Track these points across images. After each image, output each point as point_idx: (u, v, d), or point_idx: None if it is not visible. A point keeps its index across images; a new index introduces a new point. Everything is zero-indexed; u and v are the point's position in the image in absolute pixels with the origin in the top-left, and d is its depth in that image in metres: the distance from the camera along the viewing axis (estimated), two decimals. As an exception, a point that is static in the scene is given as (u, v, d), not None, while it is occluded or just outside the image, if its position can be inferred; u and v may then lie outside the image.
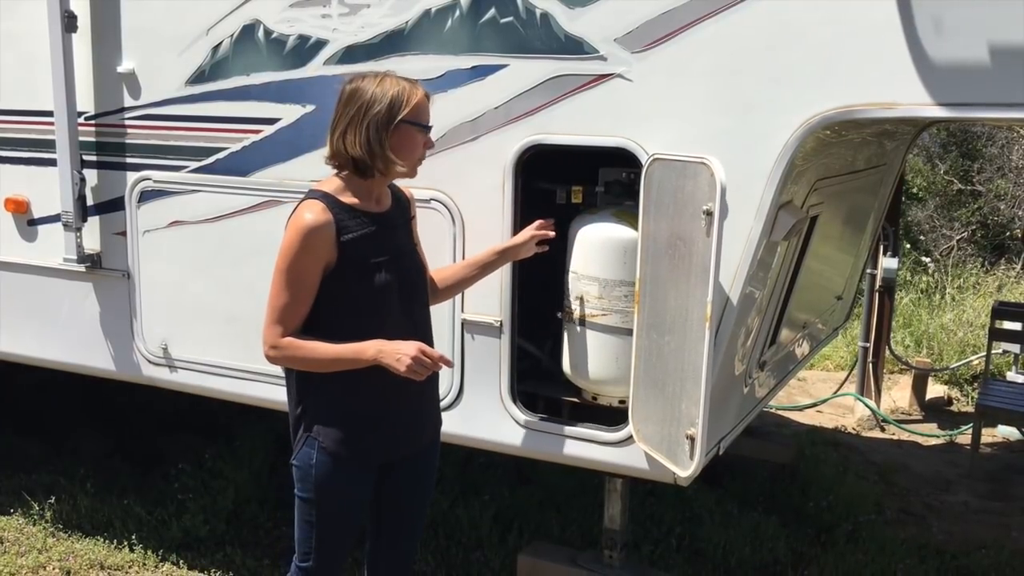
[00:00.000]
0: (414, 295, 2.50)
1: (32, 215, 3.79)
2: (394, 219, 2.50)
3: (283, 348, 2.34)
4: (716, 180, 2.42)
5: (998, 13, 2.31)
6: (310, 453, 2.44)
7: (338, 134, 2.37)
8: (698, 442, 2.56)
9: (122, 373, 3.75)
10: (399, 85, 2.37)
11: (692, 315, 2.55)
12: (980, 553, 4.15)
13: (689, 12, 2.62)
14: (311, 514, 2.49)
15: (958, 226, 11.34)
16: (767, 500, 4.47)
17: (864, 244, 4.75)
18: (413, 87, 2.39)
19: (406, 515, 2.69)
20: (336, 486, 2.46)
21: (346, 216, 2.36)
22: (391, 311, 2.41)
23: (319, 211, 2.33)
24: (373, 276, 2.37)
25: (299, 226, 2.31)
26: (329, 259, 2.33)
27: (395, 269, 2.41)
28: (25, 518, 4.19)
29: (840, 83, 2.49)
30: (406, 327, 2.43)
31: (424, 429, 2.62)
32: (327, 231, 2.31)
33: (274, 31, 3.18)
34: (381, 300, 2.39)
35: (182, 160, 3.44)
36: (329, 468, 2.43)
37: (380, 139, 2.33)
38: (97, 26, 3.50)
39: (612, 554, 3.36)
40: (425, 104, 2.42)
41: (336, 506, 2.49)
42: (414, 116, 2.38)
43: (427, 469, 2.70)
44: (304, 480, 2.47)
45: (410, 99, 2.36)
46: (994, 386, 5.63)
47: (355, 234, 2.36)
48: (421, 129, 2.42)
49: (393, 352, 2.27)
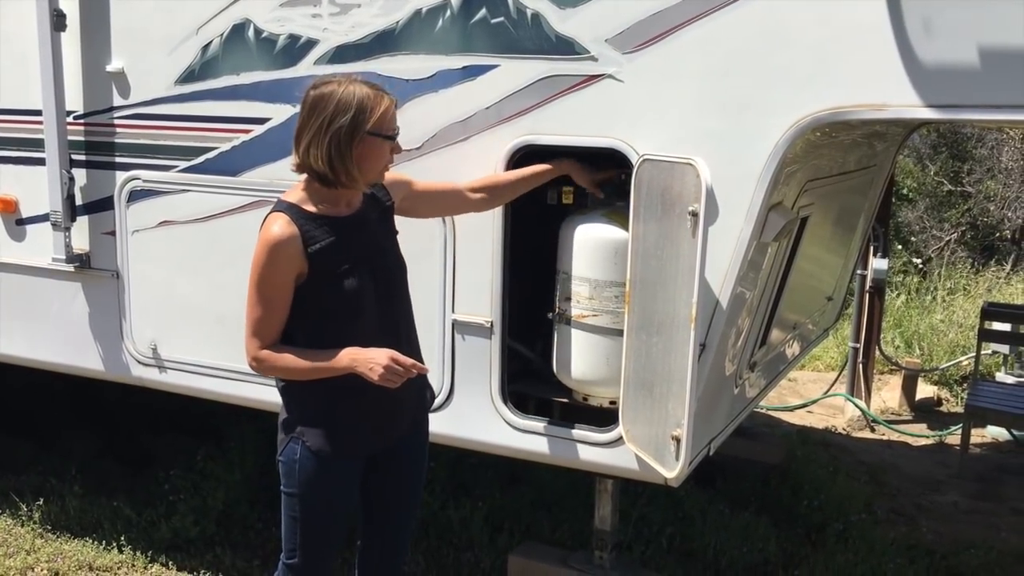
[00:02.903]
0: (392, 292, 2.48)
1: (20, 214, 3.77)
2: (365, 217, 2.47)
3: (263, 360, 2.36)
4: (702, 181, 2.42)
5: (987, 15, 2.32)
6: (295, 448, 2.46)
7: (303, 146, 2.34)
8: (683, 443, 2.56)
9: (111, 373, 3.74)
10: (363, 93, 2.32)
11: (679, 316, 2.55)
12: (969, 553, 4.16)
13: (680, 13, 2.62)
14: (296, 510, 2.50)
15: (948, 227, 11.39)
16: (758, 500, 4.47)
17: (854, 245, 4.76)
18: (378, 95, 2.34)
19: (392, 513, 2.69)
20: (320, 481, 2.46)
21: (312, 226, 2.35)
22: (368, 314, 2.40)
23: (284, 224, 2.32)
24: (344, 282, 2.36)
25: (265, 241, 2.31)
26: (300, 270, 2.33)
27: (368, 270, 2.40)
28: (13, 519, 4.17)
29: (830, 85, 2.50)
30: (386, 326, 2.43)
31: (411, 416, 2.61)
32: (294, 245, 2.31)
33: (264, 30, 3.17)
34: (357, 304, 2.38)
35: (172, 160, 3.42)
36: (313, 463, 2.44)
37: (343, 153, 2.30)
38: (86, 25, 3.48)
39: (603, 555, 3.36)
40: (391, 112, 2.37)
41: (320, 501, 2.49)
42: (379, 127, 2.33)
43: (413, 465, 2.68)
44: (289, 476, 2.48)
45: (375, 109, 2.32)
46: (983, 387, 5.66)
47: (323, 243, 2.35)
48: (388, 139, 2.39)
49: (366, 361, 2.28)
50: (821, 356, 7.42)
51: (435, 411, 3.04)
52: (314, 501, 2.48)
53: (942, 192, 11.72)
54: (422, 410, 2.70)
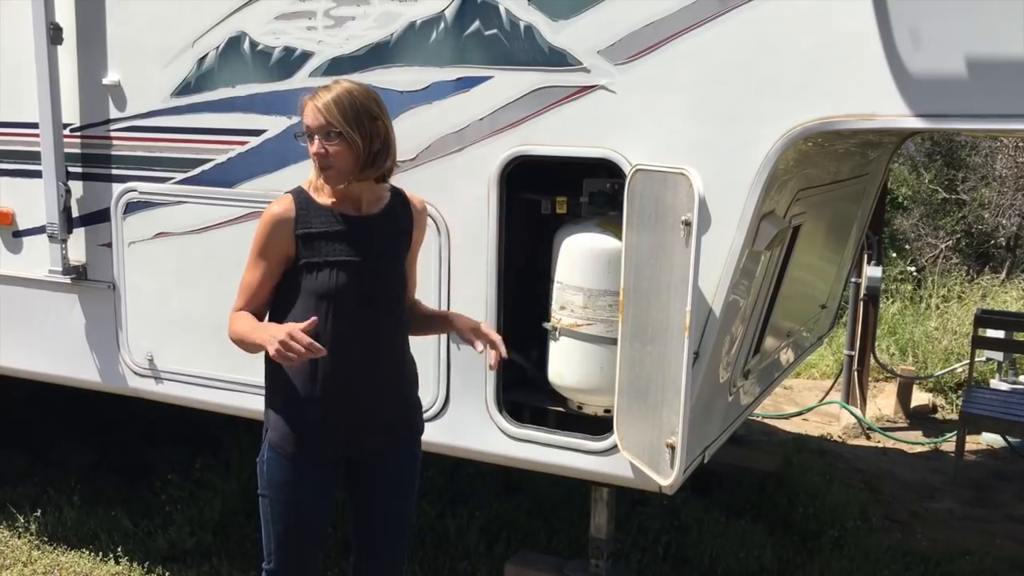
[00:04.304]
0: (379, 302, 2.46)
1: (17, 227, 3.78)
2: (376, 226, 2.48)
3: (230, 319, 2.45)
4: (694, 190, 2.44)
5: (976, 25, 2.35)
6: (263, 450, 2.51)
7: None
8: (678, 451, 2.58)
9: (108, 385, 3.75)
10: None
11: (673, 324, 2.56)
12: (964, 560, 4.17)
13: (671, 24, 2.65)
14: (267, 512, 2.53)
15: (943, 235, 11.42)
16: (754, 508, 4.48)
17: (848, 253, 4.79)
18: (305, 98, 2.41)
19: (379, 529, 2.66)
20: (285, 483, 2.49)
21: (313, 213, 2.41)
22: (346, 313, 2.40)
23: (286, 203, 2.43)
24: (327, 272, 2.39)
25: (265, 215, 2.43)
26: (288, 251, 2.41)
27: (357, 272, 2.41)
28: (10, 530, 4.16)
29: (820, 95, 2.52)
30: (365, 333, 2.44)
31: (387, 430, 2.56)
32: (286, 223, 2.40)
33: (260, 43, 3.20)
34: (336, 299, 2.39)
35: (168, 172, 3.44)
36: (278, 465, 2.48)
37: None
38: (82, 38, 3.50)
39: (599, 563, 3.37)
40: (305, 109, 2.39)
41: (287, 504, 2.50)
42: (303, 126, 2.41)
43: (401, 475, 2.64)
44: (260, 477, 2.53)
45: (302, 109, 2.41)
46: (978, 394, 5.67)
47: (315, 230, 2.40)
48: (301, 137, 2.44)
49: (270, 337, 2.22)
50: (816, 364, 7.44)
51: (431, 420, 3.05)
52: (279, 503, 2.50)
53: (937, 200, 11.75)
54: (408, 428, 2.65)
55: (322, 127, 2.34)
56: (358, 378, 2.44)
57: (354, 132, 2.33)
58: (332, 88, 2.36)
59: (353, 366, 2.43)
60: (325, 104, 2.33)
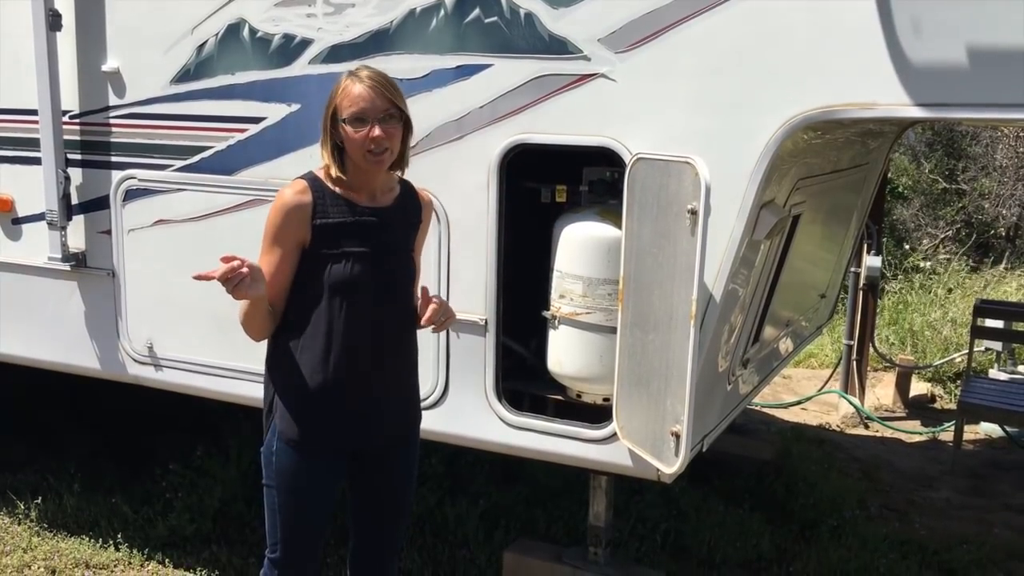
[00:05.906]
0: (391, 294, 2.47)
1: (16, 214, 3.78)
2: (390, 217, 2.48)
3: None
4: (701, 180, 2.44)
5: (976, 14, 2.34)
6: (272, 441, 2.49)
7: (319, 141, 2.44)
8: (683, 439, 2.59)
9: (107, 372, 3.75)
10: (337, 82, 2.36)
11: (677, 313, 2.57)
12: (962, 548, 4.19)
13: (672, 13, 2.64)
14: (275, 502, 2.51)
15: (943, 224, 11.41)
16: (752, 497, 4.50)
17: (847, 242, 4.78)
18: (344, 80, 2.35)
19: (374, 513, 2.67)
20: (295, 473, 2.48)
21: (328, 201, 2.39)
22: (359, 303, 2.40)
23: (300, 190, 2.38)
24: (343, 264, 2.38)
25: (278, 201, 2.39)
26: (303, 238, 2.37)
27: (371, 263, 2.41)
28: (10, 517, 4.18)
29: (821, 83, 2.52)
30: (377, 323, 2.43)
31: (394, 420, 2.58)
32: (303, 211, 2.36)
33: (259, 30, 3.19)
34: (350, 289, 2.38)
35: (167, 159, 3.44)
36: (288, 455, 2.46)
37: (327, 145, 2.39)
38: (82, 25, 3.49)
39: (597, 551, 3.38)
40: (353, 93, 2.31)
41: (296, 494, 2.50)
42: (341, 112, 2.33)
43: (401, 464, 2.65)
44: (267, 467, 2.51)
45: (336, 95, 2.35)
46: (976, 383, 5.69)
47: (331, 220, 2.38)
48: (347, 123, 2.33)
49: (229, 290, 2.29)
50: (815, 353, 7.45)
51: (430, 408, 3.06)
52: (289, 493, 2.50)
53: (937, 190, 11.73)
54: (409, 423, 2.66)
55: (382, 110, 2.31)
56: (372, 370, 2.45)
57: (407, 112, 2.37)
58: (371, 72, 2.34)
59: (367, 358, 2.43)
60: (384, 86, 2.32)
